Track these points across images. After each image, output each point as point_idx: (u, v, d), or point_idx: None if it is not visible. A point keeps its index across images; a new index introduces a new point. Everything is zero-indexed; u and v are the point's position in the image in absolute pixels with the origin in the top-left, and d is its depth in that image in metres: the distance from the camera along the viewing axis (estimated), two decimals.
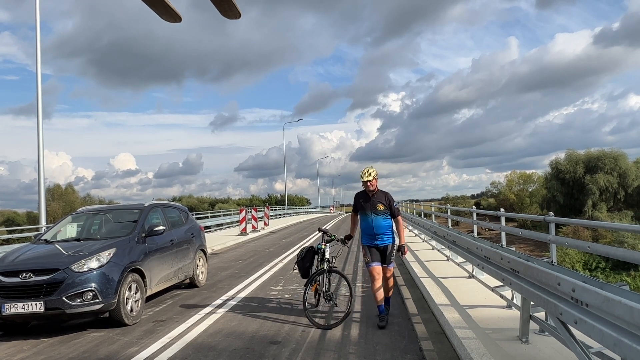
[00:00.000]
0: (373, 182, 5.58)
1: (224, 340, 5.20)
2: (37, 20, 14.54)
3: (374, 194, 5.63)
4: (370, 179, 5.55)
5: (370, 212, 5.60)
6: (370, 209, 5.60)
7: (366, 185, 5.58)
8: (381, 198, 5.62)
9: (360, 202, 5.70)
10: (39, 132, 14.39)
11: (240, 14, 2.94)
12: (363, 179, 5.57)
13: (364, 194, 5.69)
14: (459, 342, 4.54)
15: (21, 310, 5.50)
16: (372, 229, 5.60)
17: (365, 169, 5.59)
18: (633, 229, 4.73)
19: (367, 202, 5.62)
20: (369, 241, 5.63)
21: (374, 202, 5.59)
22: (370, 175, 5.55)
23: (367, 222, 5.63)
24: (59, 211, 54.21)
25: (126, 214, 7.49)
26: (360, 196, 5.74)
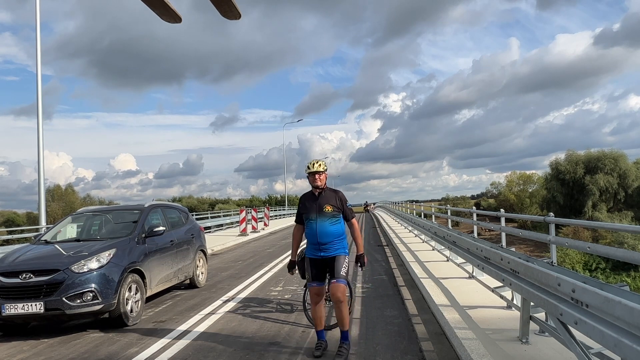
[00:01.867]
0: (322, 177, 4.61)
1: (224, 340, 5.20)
2: (37, 21, 14.55)
3: (321, 192, 4.64)
4: (320, 171, 4.60)
5: (315, 216, 4.58)
6: (316, 210, 4.59)
7: (313, 178, 4.59)
8: (331, 198, 4.63)
9: (305, 204, 4.70)
10: (39, 133, 14.39)
11: (240, 14, 2.94)
12: (310, 170, 4.60)
13: (310, 194, 4.73)
14: (459, 342, 4.54)
15: (21, 310, 5.50)
16: (315, 237, 4.57)
17: (313, 160, 4.68)
18: (633, 229, 4.73)
19: (313, 202, 4.64)
20: (312, 252, 4.67)
21: (321, 203, 4.60)
22: (320, 166, 4.62)
23: (311, 229, 4.60)
24: (59, 212, 54.20)
25: (126, 214, 7.49)
26: (305, 197, 4.75)
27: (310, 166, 4.64)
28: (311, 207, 4.64)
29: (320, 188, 4.65)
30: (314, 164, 4.63)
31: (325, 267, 4.67)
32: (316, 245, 4.62)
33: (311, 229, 4.62)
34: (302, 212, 4.72)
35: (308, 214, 4.65)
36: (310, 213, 4.63)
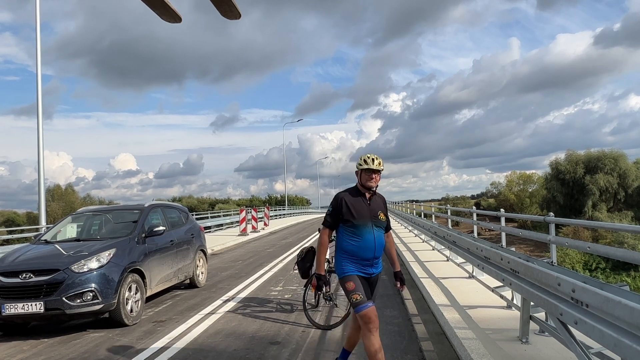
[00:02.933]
0: (378, 178, 3.82)
1: (224, 340, 5.20)
2: (37, 21, 14.55)
3: (372, 195, 3.84)
4: (380, 170, 3.80)
5: (370, 224, 3.73)
6: (370, 217, 3.75)
7: (368, 177, 3.75)
8: (380, 204, 3.91)
9: (354, 207, 3.75)
10: (39, 133, 14.39)
11: (240, 14, 2.94)
12: (367, 166, 3.73)
13: (357, 195, 3.81)
14: (459, 342, 4.54)
15: (21, 310, 5.50)
16: (372, 251, 3.71)
17: (371, 154, 3.81)
18: (633, 229, 4.73)
19: (365, 207, 3.76)
20: (361, 269, 3.73)
21: (374, 209, 3.80)
22: (380, 164, 3.78)
23: (366, 240, 3.71)
24: (59, 211, 54.23)
25: (126, 214, 7.49)
26: (350, 199, 3.79)
27: (367, 161, 3.75)
28: (363, 212, 3.75)
29: (373, 190, 3.84)
30: (373, 160, 3.76)
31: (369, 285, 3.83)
32: (369, 260, 3.74)
33: (366, 240, 3.72)
34: (349, 217, 3.73)
35: (358, 221, 3.72)
36: (362, 220, 3.73)
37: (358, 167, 3.82)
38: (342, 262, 3.75)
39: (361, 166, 3.78)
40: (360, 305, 3.61)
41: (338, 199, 3.82)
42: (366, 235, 3.72)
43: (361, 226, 3.71)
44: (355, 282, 3.66)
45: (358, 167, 3.82)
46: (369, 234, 3.72)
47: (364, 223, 3.71)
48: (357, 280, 3.68)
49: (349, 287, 3.66)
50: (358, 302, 3.62)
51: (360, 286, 3.66)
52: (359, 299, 3.62)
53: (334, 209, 3.82)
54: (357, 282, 3.67)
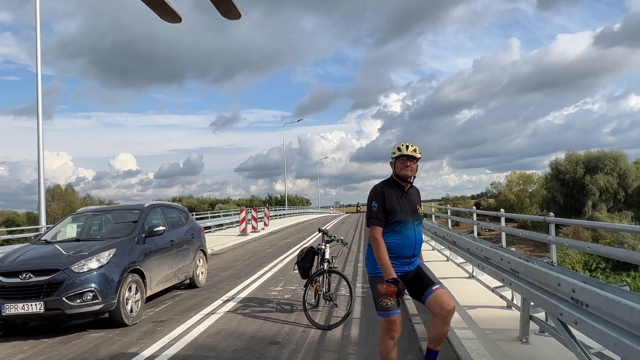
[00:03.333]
0: (415, 167, 3.49)
1: (224, 340, 5.20)
2: (37, 21, 14.54)
3: (410, 187, 3.56)
4: (417, 157, 3.48)
5: (411, 219, 3.45)
6: (411, 212, 3.46)
7: (404, 165, 3.46)
8: (417, 196, 3.62)
9: (395, 200, 3.44)
10: (39, 133, 14.39)
11: (240, 14, 2.94)
12: (402, 152, 3.45)
13: (394, 188, 3.49)
14: (459, 342, 4.54)
15: (21, 310, 5.49)
16: (412, 248, 3.45)
17: (402, 142, 3.53)
18: (633, 229, 4.73)
19: (404, 200, 3.47)
20: (397, 268, 3.39)
21: (413, 202, 3.52)
22: (415, 150, 3.48)
23: (406, 237, 3.42)
24: (59, 212, 54.22)
25: (126, 214, 7.49)
26: (389, 192, 3.46)
27: (401, 147, 3.47)
28: (403, 206, 3.44)
29: (409, 182, 3.52)
30: (408, 146, 3.46)
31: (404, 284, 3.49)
32: (408, 258, 3.47)
33: (407, 237, 3.42)
34: (392, 212, 3.40)
35: (398, 215, 3.41)
36: (402, 214, 3.42)
37: (392, 156, 3.53)
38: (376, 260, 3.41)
39: (395, 154, 3.50)
40: (390, 312, 3.37)
41: (379, 191, 3.46)
42: (407, 232, 3.42)
43: (402, 222, 3.41)
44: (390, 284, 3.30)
45: (392, 156, 3.53)
46: (410, 229, 3.43)
47: (405, 218, 3.42)
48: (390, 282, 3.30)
49: (380, 289, 3.33)
50: (387, 308, 3.36)
51: None
52: (389, 304, 3.35)
53: (379, 202, 3.41)
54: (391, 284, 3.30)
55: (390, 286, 3.22)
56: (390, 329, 3.39)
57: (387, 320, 3.38)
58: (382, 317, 3.41)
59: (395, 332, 3.41)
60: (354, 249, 14.03)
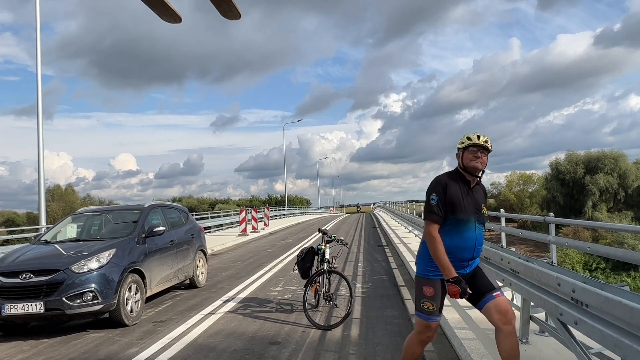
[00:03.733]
0: (485, 160, 3.15)
1: (224, 340, 5.20)
2: (37, 21, 14.54)
3: (478, 183, 3.22)
4: (488, 148, 3.14)
5: (473, 218, 3.13)
6: (474, 211, 3.14)
7: (473, 157, 3.11)
8: (482, 195, 3.28)
9: (458, 196, 3.10)
10: (39, 133, 14.40)
11: (240, 14, 2.94)
12: (472, 142, 3.12)
13: (458, 182, 3.15)
14: (459, 342, 4.54)
15: (21, 310, 5.50)
16: (471, 251, 3.14)
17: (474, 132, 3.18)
18: (633, 229, 4.74)
19: (468, 197, 3.14)
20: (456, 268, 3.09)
21: (478, 200, 3.19)
22: (487, 141, 3.13)
23: (464, 239, 3.11)
24: (59, 212, 54.19)
25: (126, 214, 7.49)
26: (452, 186, 3.12)
27: (471, 137, 3.13)
28: (466, 203, 3.11)
29: (478, 177, 3.18)
30: (480, 136, 3.12)
31: None
32: (465, 262, 3.15)
33: (466, 238, 3.10)
34: (453, 208, 3.08)
35: (459, 213, 3.08)
36: (464, 212, 3.09)
37: (459, 145, 3.18)
38: (429, 260, 3.14)
39: (463, 144, 3.15)
40: (430, 316, 3.16)
41: (441, 183, 3.12)
42: (466, 233, 3.08)
43: (463, 221, 3.07)
44: (436, 290, 3.10)
45: (459, 145, 3.18)
46: (470, 231, 3.09)
47: (467, 217, 3.08)
48: (438, 288, 3.11)
49: (426, 292, 3.12)
50: (429, 312, 3.15)
51: (439, 296, 3.13)
52: (432, 309, 3.14)
53: (440, 196, 3.08)
54: (438, 291, 3.11)
55: (452, 286, 2.96)
56: (424, 333, 3.21)
57: (424, 323, 3.19)
58: (420, 319, 3.21)
59: (428, 338, 3.23)
60: (354, 249, 14.03)
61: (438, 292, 3.10)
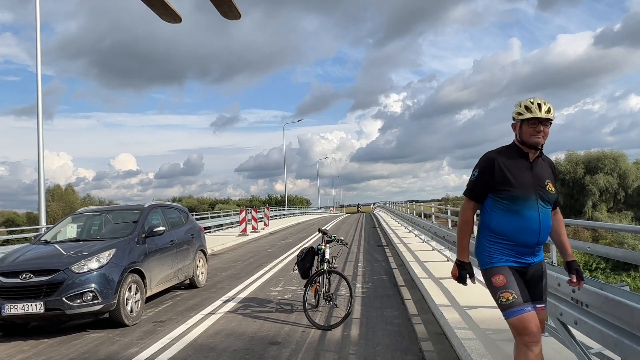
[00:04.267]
0: (547, 131, 2.74)
1: (224, 340, 5.20)
2: (37, 21, 14.55)
3: (537, 157, 2.80)
4: (550, 119, 2.72)
5: (535, 197, 2.72)
6: (535, 188, 2.73)
7: (532, 130, 2.71)
8: (548, 169, 2.85)
9: (510, 171, 2.73)
10: (39, 133, 14.40)
11: (240, 14, 2.94)
12: (532, 114, 2.69)
13: (515, 157, 2.78)
14: (459, 342, 4.54)
15: (21, 310, 5.49)
16: (536, 233, 2.73)
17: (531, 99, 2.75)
18: (633, 229, 4.74)
19: (527, 172, 2.75)
20: (516, 258, 2.77)
21: (541, 176, 2.78)
22: (549, 111, 2.71)
23: (526, 219, 2.71)
24: (59, 212, 54.20)
25: (126, 214, 7.49)
26: (504, 161, 2.76)
27: (530, 107, 2.71)
28: (524, 179, 2.72)
29: (539, 149, 2.78)
30: (540, 105, 2.70)
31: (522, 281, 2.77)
32: (530, 247, 2.75)
33: (528, 219, 2.70)
34: (504, 185, 2.71)
35: (517, 191, 2.70)
36: (521, 189, 2.70)
37: (516, 117, 2.78)
38: (489, 247, 2.80)
39: (521, 115, 2.73)
40: (514, 309, 2.64)
41: (488, 159, 2.79)
42: (528, 212, 2.70)
43: (521, 199, 2.69)
44: (507, 275, 2.68)
45: (516, 117, 2.78)
46: (532, 210, 2.70)
47: (525, 194, 2.69)
48: (509, 274, 2.69)
49: (496, 283, 2.69)
50: (510, 304, 2.65)
51: (514, 282, 2.67)
52: (511, 299, 2.65)
53: (481, 172, 2.78)
54: (510, 276, 2.68)
55: (455, 268, 2.92)
56: (520, 332, 2.63)
57: (513, 321, 2.65)
58: (508, 318, 2.68)
59: (528, 337, 2.60)
60: (354, 249, 14.03)
61: (510, 277, 2.67)
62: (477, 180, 2.81)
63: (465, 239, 2.92)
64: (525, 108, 2.73)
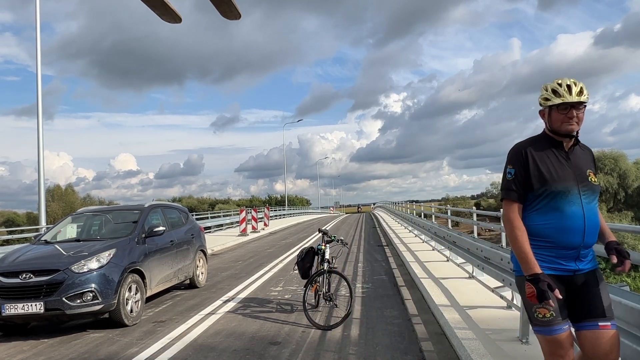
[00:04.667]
0: (582, 115, 2.41)
1: (224, 341, 5.20)
2: (37, 22, 14.54)
3: (575, 144, 2.49)
4: (584, 101, 2.39)
5: (576, 191, 2.38)
6: (575, 179, 2.40)
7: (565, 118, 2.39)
8: (587, 158, 2.52)
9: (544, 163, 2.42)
10: (39, 133, 14.40)
11: (240, 14, 2.94)
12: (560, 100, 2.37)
13: (546, 146, 2.48)
14: (459, 342, 4.54)
15: (21, 310, 5.49)
16: (579, 234, 2.35)
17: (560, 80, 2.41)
18: (633, 229, 4.73)
19: (563, 163, 2.43)
20: (556, 263, 2.38)
21: (580, 166, 2.45)
22: (582, 92, 2.38)
23: (567, 217, 2.35)
24: (59, 212, 54.23)
25: (126, 214, 7.49)
26: (535, 153, 2.46)
27: (558, 90, 2.38)
28: (562, 171, 2.40)
29: (574, 137, 2.46)
30: (570, 87, 2.37)
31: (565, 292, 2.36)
32: (575, 249, 2.36)
33: (569, 215, 2.34)
34: (539, 180, 2.39)
35: (552, 184, 2.37)
36: (559, 182, 2.37)
37: (543, 103, 2.47)
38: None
39: (549, 101, 2.42)
40: (550, 327, 2.30)
41: (521, 152, 2.47)
42: (569, 208, 2.34)
43: (561, 194, 2.36)
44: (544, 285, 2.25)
45: (543, 103, 2.47)
46: (574, 205, 2.34)
47: (564, 188, 2.36)
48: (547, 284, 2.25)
49: (534, 292, 2.26)
50: (545, 321, 2.31)
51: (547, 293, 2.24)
52: (549, 316, 2.29)
53: (518, 167, 2.45)
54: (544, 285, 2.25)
55: (529, 286, 2.29)
56: (555, 353, 2.31)
57: (547, 340, 2.32)
58: (542, 335, 2.34)
59: (562, 358, 2.29)
60: (354, 249, 14.02)
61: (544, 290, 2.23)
62: (516, 177, 2.45)
63: (524, 246, 2.36)
64: (553, 92, 2.40)
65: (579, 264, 2.38)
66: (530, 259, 2.32)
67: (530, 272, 2.30)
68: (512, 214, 2.43)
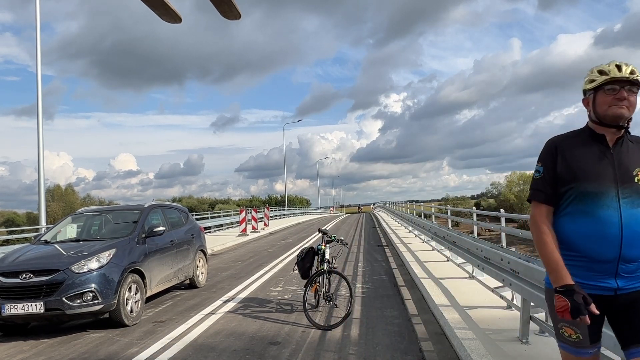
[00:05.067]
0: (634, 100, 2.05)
1: (224, 340, 5.20)
2: (37, 22, 14.54)
3: (623, 137, 2.09)
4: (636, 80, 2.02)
5: (614, 193, 2.01)
6: (616, 179, 2.03)
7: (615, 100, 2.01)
8: (636, 154, 2.07)
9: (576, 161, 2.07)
10: (39, 133, 14.40)
11: (240, 14, 2.94)
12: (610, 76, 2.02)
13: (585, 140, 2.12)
14: (459, 342, 4.54)
15: (21, 310, 5.50)
16: (615, 245, 1.98)
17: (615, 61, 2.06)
18: None
19: (602, 159, 2.06)
20: (591, 278, 2.04)
21: (626, 164, 2.05)
22: (634, 72, 2.02)
23: (599, 220, 2.00)
24: (59, 212, 54.25)
25: (126, 214, 7.49)
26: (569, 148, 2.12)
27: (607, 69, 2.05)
28: (596, 168, 2.05)
29: (624, 127, 2.08)
30: (621, 66, 2.03)
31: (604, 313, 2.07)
32: (611, 262, 2.01)
33: (603, 222, 2.00)
34: (569, 179, 2.06)
35: (584, 184, 2.04)
36: (593, 182, 2.03)
37: (587, 87, 2.12)
38: None
39: (594, 82, 2.07)
40: (576, 349, 2.06)
41: (551, 147, 2.14)
42: (603, 213, 1.99)
43: (592, 195, 2.02)
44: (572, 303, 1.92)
45: (587, 87, 2.12)
46: (611, 209, 1.99)
47: (597, 189, 2.01)
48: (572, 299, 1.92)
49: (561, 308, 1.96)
50: (572, 342, 2.06)
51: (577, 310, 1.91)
52: (574, 338, 2.04)
53: (547, 165, 2.13)
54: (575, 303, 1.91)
55: (560, 299, 1.95)
56: None
57: (567, 357, 2.11)
58: (565, 351, 2.12)
59: None
60: (354, 249, 14.03)
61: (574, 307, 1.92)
62: (544, 176, 2.12)
63: (553, 253, 2.04)
64: (599, 72, 2.06)
65: (620, 281, 2.01)
66: (561, 268, 2.01)
67: (561, 282, 1.98)
68: (539, 217, 2.13)
